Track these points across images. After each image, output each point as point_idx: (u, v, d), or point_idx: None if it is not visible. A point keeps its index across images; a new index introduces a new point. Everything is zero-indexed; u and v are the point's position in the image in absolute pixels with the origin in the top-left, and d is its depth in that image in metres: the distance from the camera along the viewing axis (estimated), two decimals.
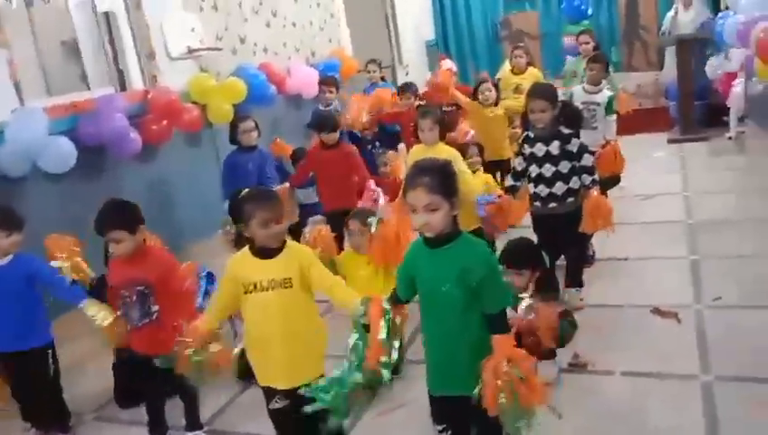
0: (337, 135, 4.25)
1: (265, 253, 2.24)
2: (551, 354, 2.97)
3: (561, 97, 3.75)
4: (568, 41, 9.25)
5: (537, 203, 3.51)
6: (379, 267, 3.05)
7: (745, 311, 3.30)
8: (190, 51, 4.97)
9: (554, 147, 3.38)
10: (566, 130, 3.41)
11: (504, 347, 1.87)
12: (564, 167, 3.39)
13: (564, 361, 3.05)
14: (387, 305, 2.03)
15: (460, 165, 3.74)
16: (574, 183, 3.41)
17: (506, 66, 6.58)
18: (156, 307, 2.55)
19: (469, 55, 10.35)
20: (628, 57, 9.06)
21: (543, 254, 3.00)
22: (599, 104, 4.35)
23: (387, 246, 2.95)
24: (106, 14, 4.52)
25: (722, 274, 3.75)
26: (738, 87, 6.32)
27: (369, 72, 6.48)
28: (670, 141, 7.06)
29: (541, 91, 3.39)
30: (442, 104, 5.46)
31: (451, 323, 1.93)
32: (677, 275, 3.82)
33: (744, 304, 3.37)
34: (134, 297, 2.54)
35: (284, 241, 2.28)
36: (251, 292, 2.24)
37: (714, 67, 6.92)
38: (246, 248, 2.32)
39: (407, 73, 9.21)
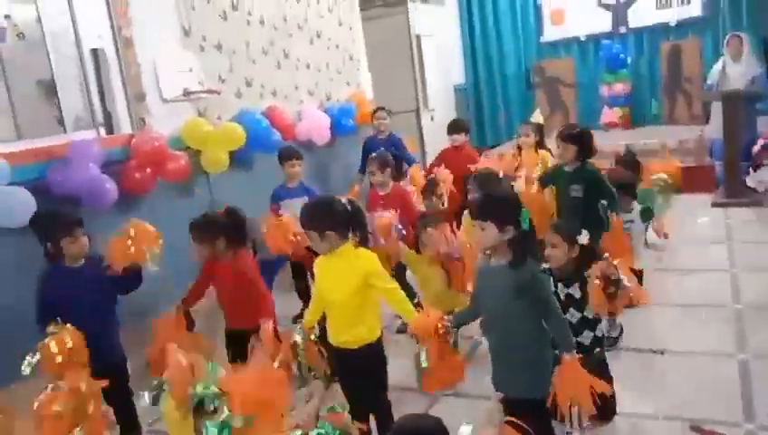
0: None
1: None
2: None
3: None
4: (606, 90, 8.81)
5: None
6: None
7: None
8: (186, 93, 4.58)
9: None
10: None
11: None
12: (571, 316, 2.85)
13: None
14: None
15: (382, 280, 2.78)
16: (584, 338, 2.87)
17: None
18: None
19: (500, 101, 9.92)
20: (670, 110, 8.50)
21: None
22: None
23: None
24: (94, 52, 4.17)
25: None
26: None
27: (377, 119, 5.83)
28: (714, 205, 6.43)
29: (558, 226, 2.98)
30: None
31: None
32: (724, 380, 3.21)
33: None
34: None
35: None
36: None
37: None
38: None
39: (432, 118, 8.79)
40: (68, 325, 2.70)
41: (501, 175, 4.29)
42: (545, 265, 2.90)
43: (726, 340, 3.64)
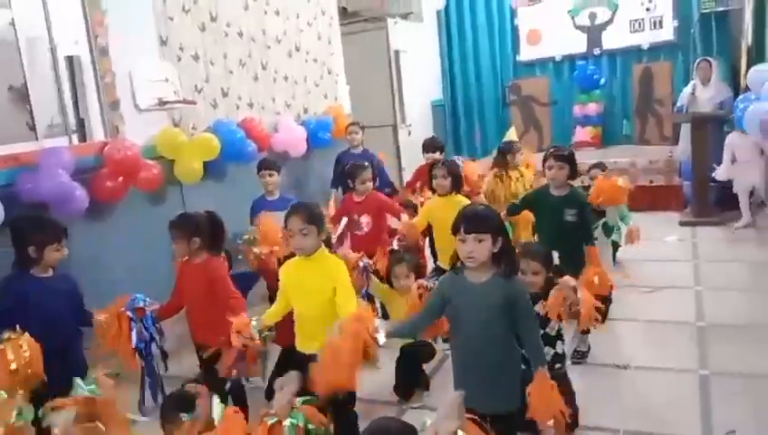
0: None
1: None
2: None
3: None
4: (579, 109, 8.96)
5: None
6: None
7: None
8: (162, 102, 4.58)
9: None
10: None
11: None
12: None
13: None
14: None
15: (345, 296, 2.73)
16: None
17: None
18: None
19: (476, 118, 10.03)
20: (641, 130, 8.66)
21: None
22: None
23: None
24: (69, 59, 4.16)
25: (737, 398, 3.20)
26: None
27: (350, 133, 5.86)
28: (683, 223, 6.57)
29: (535, 253, 2.94)
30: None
31: None
32: (685, 395, 3.28)
33: None
34: None
35: None
36: None
37: None
38: None
39: (409, 133, 8.85)
40: (25, 334, 2.55)
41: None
42: None
43: (689, 356, 3.71)
